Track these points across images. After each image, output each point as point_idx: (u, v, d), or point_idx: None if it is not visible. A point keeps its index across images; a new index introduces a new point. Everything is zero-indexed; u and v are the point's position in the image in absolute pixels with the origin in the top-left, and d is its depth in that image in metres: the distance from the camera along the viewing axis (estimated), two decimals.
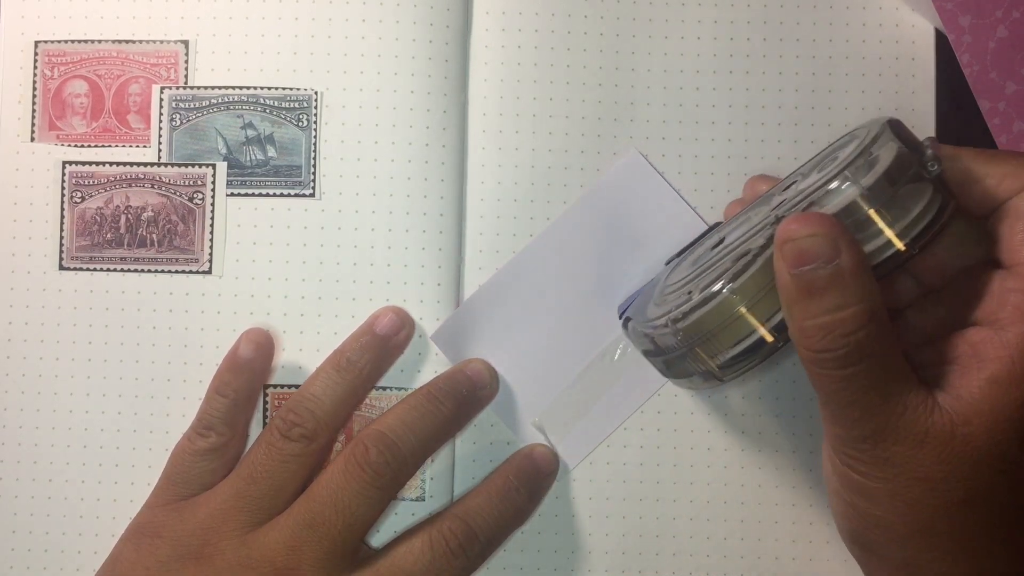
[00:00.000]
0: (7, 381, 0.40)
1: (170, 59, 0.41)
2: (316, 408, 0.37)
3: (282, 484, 0.36)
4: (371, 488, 0.35)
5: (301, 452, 0.36)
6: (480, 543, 0.37)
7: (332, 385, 0.37)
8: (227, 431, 0.37)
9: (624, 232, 0.40)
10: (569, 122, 0.41)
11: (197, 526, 0.36)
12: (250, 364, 0.38)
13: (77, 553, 0.40)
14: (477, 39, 0.41)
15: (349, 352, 0.38)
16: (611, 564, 0.40)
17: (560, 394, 0.40)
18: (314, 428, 0.37)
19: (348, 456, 0.36)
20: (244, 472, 0.37)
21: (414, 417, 0.37)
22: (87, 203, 0.40)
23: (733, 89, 0.41)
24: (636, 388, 0.40)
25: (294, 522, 0.35)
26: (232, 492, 0.36)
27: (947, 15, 0.39)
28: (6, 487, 0.40)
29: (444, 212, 0.40)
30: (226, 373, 0.38)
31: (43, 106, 0.41)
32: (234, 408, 0.38)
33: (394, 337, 0.39)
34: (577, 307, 0.40)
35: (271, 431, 0.37)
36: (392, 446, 0.36)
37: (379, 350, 0.39)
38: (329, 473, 0.36)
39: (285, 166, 0.40)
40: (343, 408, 0.38)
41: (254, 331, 0.39)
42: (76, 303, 0.40)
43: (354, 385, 0.38)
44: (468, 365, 0.39)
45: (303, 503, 0.36)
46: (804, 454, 0.40)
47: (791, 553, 0.40)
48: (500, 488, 0.38)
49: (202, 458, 0.37)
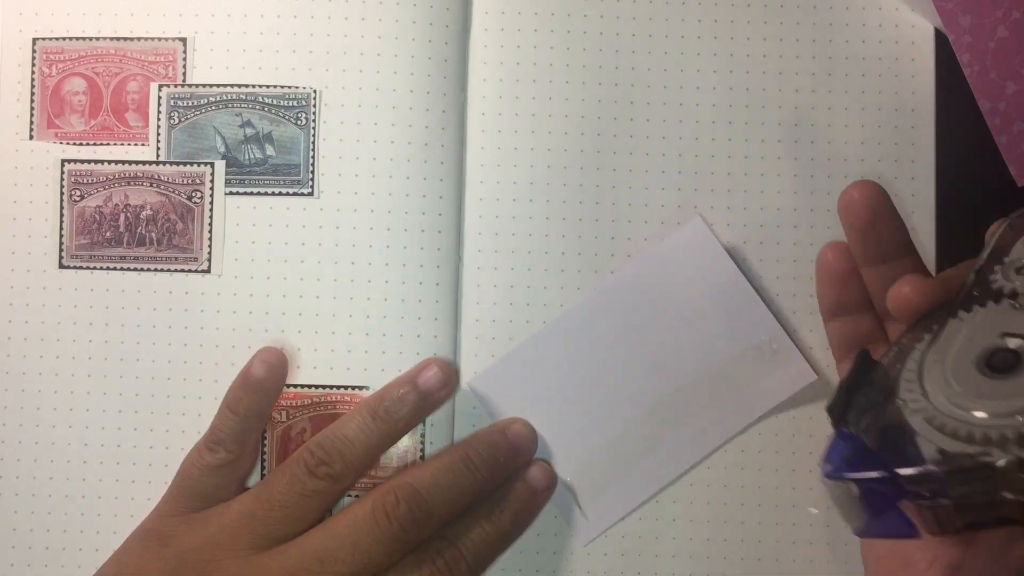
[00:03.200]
0: (7, 380, 0.40)
1: (168, 57, 0.41)
2: (346, 451, 0.36)
3: (298, 516, 0.36)
4: (392, 541, 0.35)
5: (324, 490, 0.36)
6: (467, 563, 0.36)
7: (366, 431, 0.37)
8: (236, 448, 0.37)
9: (677, 300, 0.40)
10: (569, 122, 0.41)
11: (205, 541, 0.36)
12: (262, 384, 0.38)
13: (77, 551, 0.40)
14: (476, 39, 0.41)
15: (388, 402, 0.38)
16: (611, 565, 0.40)
17: (597, 454, 0.40)
18: (341, 470, 0.36)
19: (377, 503, 0.35)
20: (262, 495, 0.36)
21: (448, 480, 0.36)
22: (86, 201, 0.40)
23: (733, 89, 0.41)
24: (676, 456, 0.40)
25: (303, 553, 0.35)
26: (246, 512, 0.36)
27: (947, 15, 0.39)
28: (6, 486, 0.40)
29: (443, 212, 0.40)
30: (239, 391, 0.38)
31: (41, 104, 0.41)
32: (244, 425, 0.38)
33: (436, 393, 0.38)
34: (622, 369, 0.40)
35: (298, 463, 0.36)
36: (423, 505, 0.35)
37: (418, 404, 0.38)
38: (352, 513, 0.35)
39: (284, 165, 0.40)
40: (372, 454, 0.37)
41: (268, 351, 0.39)
42: (76, 301, 0.40)
43: (387, 435, 0.37)
44: (510, 427, 0.39)
45: (318, 536, 0.35)
46: (804, 455, 0.40)
47: (791, 555, 0.40)
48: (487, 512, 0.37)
49: (211, 473, 0.37)
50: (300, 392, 0.40)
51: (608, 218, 0.41)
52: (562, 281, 0.41)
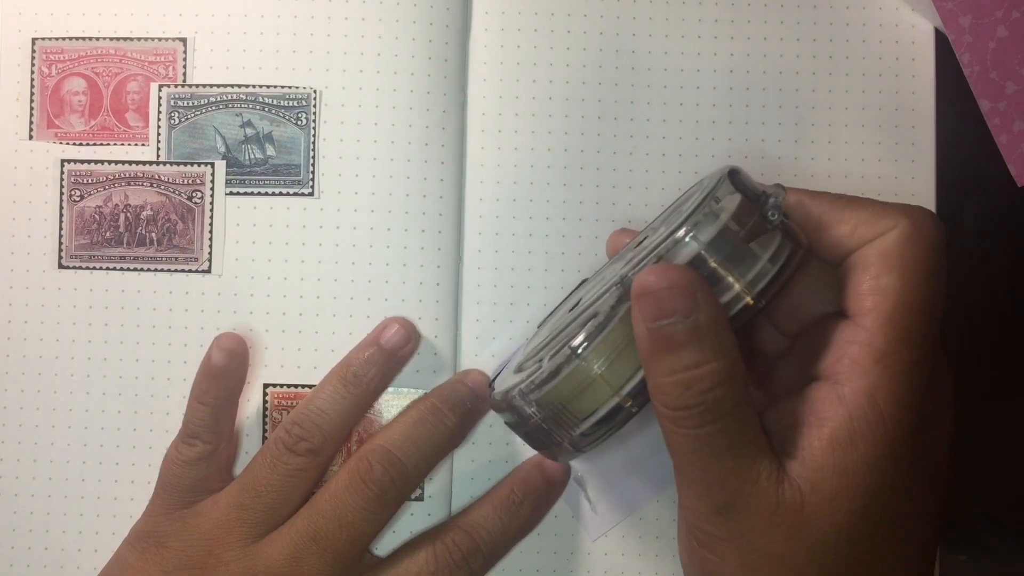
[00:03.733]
0: (6, 380, 0.40)
1: (168, 57, 0.41)
2: (322, 422, 0.37)
3: (286, 497, 0.36)
4: (375, 504, 0.35)
5: (306, 466, 0.36)
6: (483, 555, 0.37)
7: (338, 399, 0.37)
8: (213, 438, 0.37)
9: None
10: (569, 122, 0.41)
11: (201, 537, 0.36)
12: (225, 371, 0.38)
13: (77, 552, 0.40)
14: (476, 38, 0.41)
15: (355, 366, 0.38)
16: (611, 565, 0.40)
17: (608, 449, 0.40)
18: (320, 443, 0.37)
19: (353, 471, 0.36)
20: (248, 483, 0.37)
21: (419, 432, 0.37)
22: (86, 201, 0.40)
23: (733, 88, 0.41)
24: None
25: (297, 534, 0.35)
26: (235, 503, 0.36)
27: (947, 15, 0.39)
28: (6, 487, 0.40)
29: (443, 211, 0.40)
30: (203, 381, 0.38)
31: (41, 104, 0.41)
32: (216, 415, 0.38)
33: (400, 350, 0.39)
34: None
35: (276, 444, 0.37)
36: (397, 463, 0.36)
37: (385, 363, 0.38)
38: (333, 487, 0.36)
39: (284, 165, 0.40)
40: (348, 421, 0.38)
41: (225, 337, 0.39)
42: (75, 302, 0.40)
43: (360, 399, 0.38)
44: (467, 376, 0.39)
45: (306, 516, 0.36)
46: None
47: None
48: (505, 500, 0.38)
49: (192, 467, 0.37)
50: (301, 392, 0.40)
51: (608, 218, 0.41)
52: (562, 281, 0.41)
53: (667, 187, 0.41)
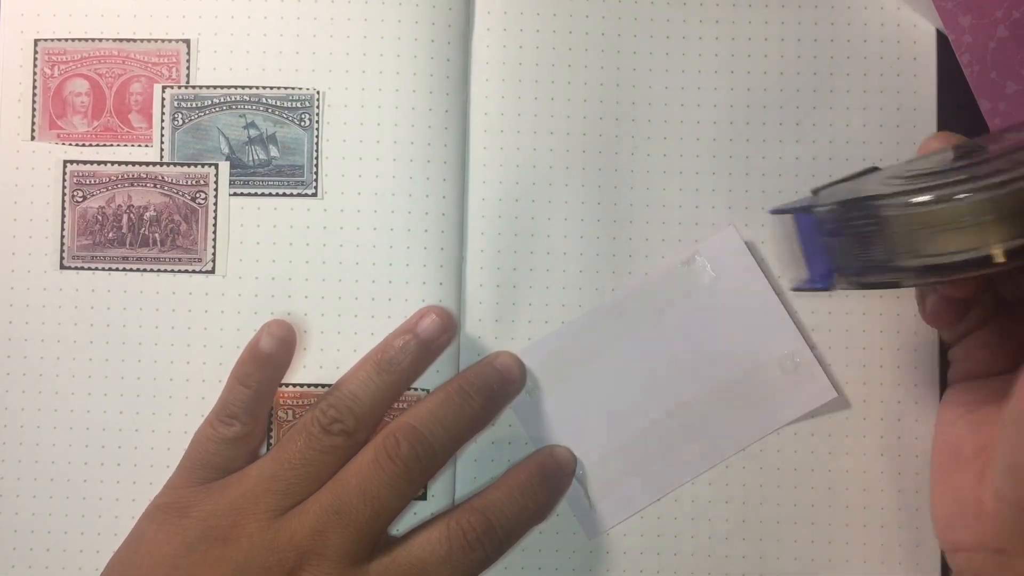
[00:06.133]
0: (7, 381, 0.40)
1: (172, 58, 0.41)
2: (355, 407, 0.37)
3: (317, 473, 0.36)
4: (400, 481, 0.36)
5: (340, 445, 0.37)
6: (498, 537, 0.37)
7: (372, 386, 0.38)
8: (250, 421, 0.38)
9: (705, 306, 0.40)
10: (570, 122, 0.41)
11: (228, 506, 0.36)
12: (272, 359, 0.38)
13: (78, 552, 0.40)
14: (478, 39, 0.41)
15: (392, 353, 0.38)
16: (611, 564, 0.40)
17: (611, 449, 0.40)
18: (354, 426, 0.37)
19: (379, 447, 0.36)
20: (281, 456, 0.37)
21: (445, 412, 0.37)
22: (88, 202, 0.40)
23: (734, 89, 0.41)
24: (689, 461, 0.40)
25: (320, 508, 0.35)
26: (268, 474, 0.36)
27: (947, 15, 0.39)
28: (6, 487, 0.40)
29: (446, 212, 0.40)
30: (249, 364, 0.38)
31: (43, 105, 0.41)
32: (256, 398, 0.38)
33: (436, 340, 0.39)
34: (645, 370, 0.40)
35: (312, 422, 0.37)
36: (423, 441, 0.36)
37: (420, 352, 0.38)
38: (359, 462, 0.36)
39: (287, 166, 0.40)
40: (381, 407, 0.38)
41: (276, 324, 0.39)
42: (77, 302, 0.40)
43: (393, 386, 0.38)
44: (497, 359, 0.40)
45: (331, 489, 0.36)
46: (805, 454, 0.40)
47: (793, 553, 0.40)
48: (521, 483, 0.38)
49: (227, 445, 0.37)
50: (306, 391, 0.40)
51: (610, 218, 0.41)
52: (564, 281, 0.41)
53: (667, 187, 0.41)
